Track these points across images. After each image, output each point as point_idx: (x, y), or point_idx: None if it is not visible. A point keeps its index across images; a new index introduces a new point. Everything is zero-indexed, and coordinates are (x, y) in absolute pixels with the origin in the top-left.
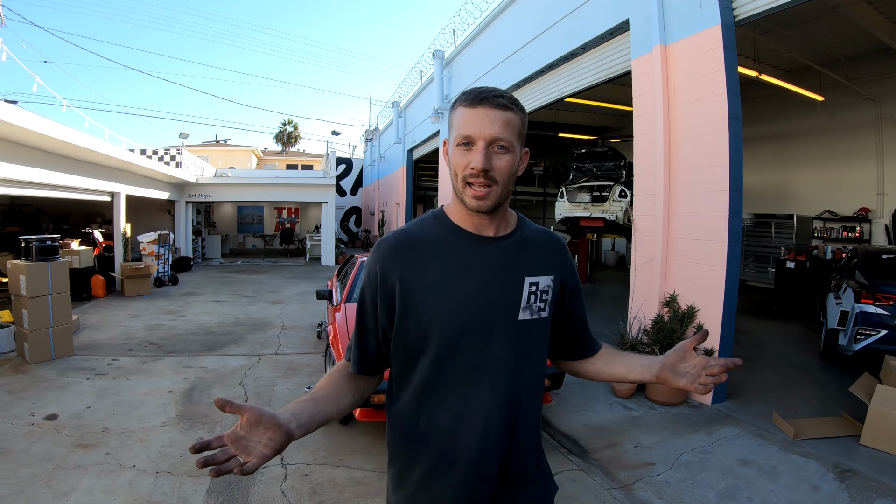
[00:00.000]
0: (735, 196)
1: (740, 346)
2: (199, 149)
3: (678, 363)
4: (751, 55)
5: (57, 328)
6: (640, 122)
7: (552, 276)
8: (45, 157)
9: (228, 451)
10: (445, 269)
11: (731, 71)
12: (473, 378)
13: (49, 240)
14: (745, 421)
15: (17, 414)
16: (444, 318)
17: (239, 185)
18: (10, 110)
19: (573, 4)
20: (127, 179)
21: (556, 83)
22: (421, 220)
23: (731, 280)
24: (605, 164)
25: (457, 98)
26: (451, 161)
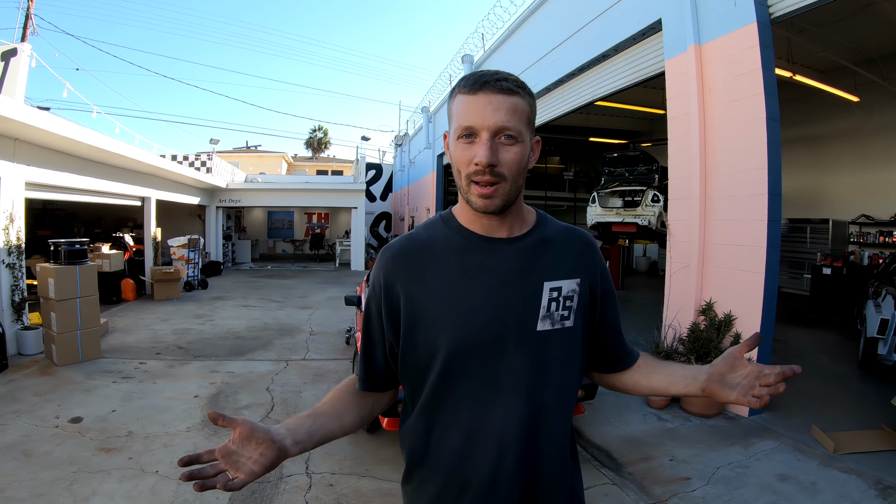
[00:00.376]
0: (774, 200)
1: (776, 356)
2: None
3: (727, 373)
4: (785, 55)
5: (85, 331)
6: (675, 125)
7: (578, 279)
8: (75, 162)
9: (218, 465)
10: (452, 277)
11: (769, 70)
12: (486, 395)
13: (77, 244)
14: (783, 434)
15: (42, 416)
16: (450, 331)
17: (269, 190)
18: (41, 116)
19: (604, 5)
20: (157, 184)
21: (587, 86)
22: (428, 224)
23: (769, 287)
24: (638, 168)
25: (455, 84)
26: (452, 156)
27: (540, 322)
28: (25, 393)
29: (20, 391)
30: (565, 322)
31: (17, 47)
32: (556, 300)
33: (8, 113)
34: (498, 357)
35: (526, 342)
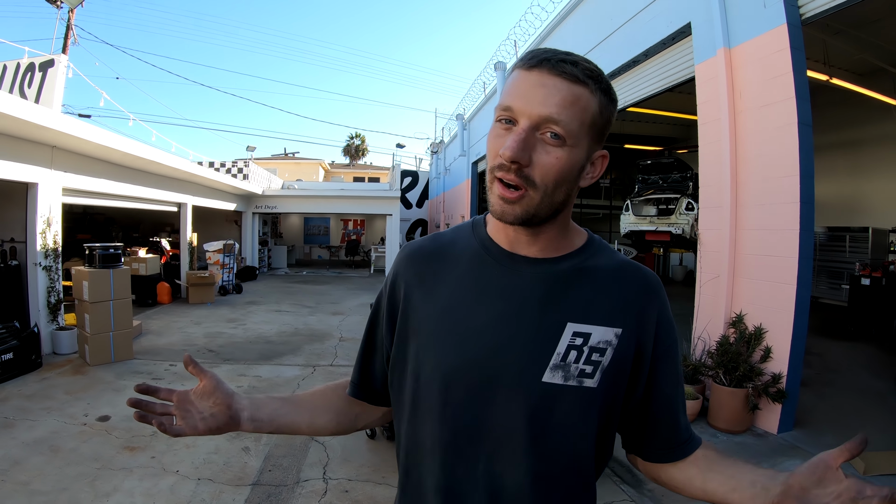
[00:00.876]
0: (806, 208)
1: (811, 369)
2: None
3: (811, 488)
4: (820, 58)
5: (117, 332)
6: (705, 131)
7: (618, 329)
8: (111, 168)
9: (169, 406)
10: (460, 292)
11: (800, 73)
12: (465, 446)
13: (112, 248)
14: (812, 453)
15: (71, 413)
16: (439, 356)
17: (305, 196)
18: (76, 124)
19: (633, 10)
20: (193, 191)
21: (618, 92)
22: (458, 227)
23: (801, 299)
24: (672, 176)
25: (517, 59)
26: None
27: (549, 371)
28: (57, 391)
29: (52, 389)
30: (585, 380)
31: (53, 58)
32: (579, 349)
33: (44, 122)
34: (487, 401)
35: (523, 393)
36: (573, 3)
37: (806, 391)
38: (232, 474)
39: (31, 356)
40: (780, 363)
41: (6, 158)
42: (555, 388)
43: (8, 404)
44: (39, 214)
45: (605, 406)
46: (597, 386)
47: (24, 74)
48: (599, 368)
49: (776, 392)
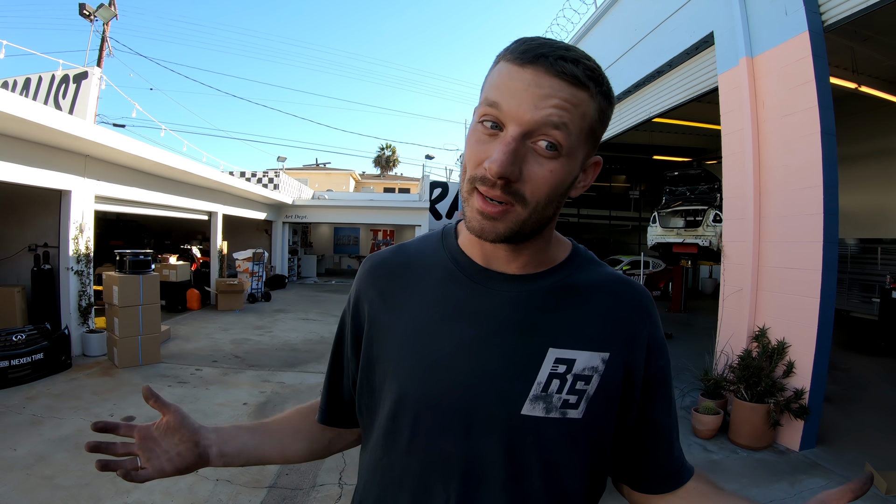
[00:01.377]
0: (830, 220)
1: (838, 385)
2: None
3: None
4: (848, 66)
5: (146, 336)
6: (729, 141)
7: (605, 353)
8: (143, 177)
9: (131, 446)
10: (426, 313)
11: (823, 81)
12: (435, 481)
13: (142, 254)
14: (833, 471)
15: (97, 413)
16: (404, 382)
17: (335, 207)
18: (108, 135)
19: (657, 20)
20: (224, 200)
21: (643, 103)
22: (427, 236)
23: (825, 313)
24: (699, 187)
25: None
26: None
27: (529, 403)
28: (85, 391)
29: (80, 389)
30: (568, 411)
31: (87, 70)
32: (562, 378)
33: (77, 132)
34: (461, 435)
35: (502, 426)
36: (597, 14)
37: (830, 407)
38: (249, 476)
39: (61, 357)
40: (803, 378)
41: (41, 167)
42: (536, 422)
43: (37, 402)
44: (72, 221)
45: (592, 438)
46: (581, 417)
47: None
48: (584, 397)
49: (798, 408)
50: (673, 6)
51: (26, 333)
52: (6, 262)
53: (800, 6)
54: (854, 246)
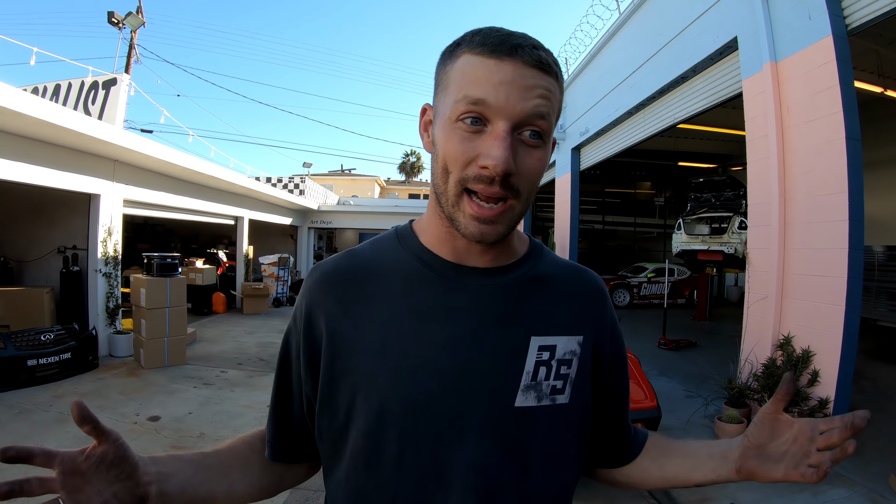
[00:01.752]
0: (855, 226)
1: (863, 395)
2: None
3: (766, 443)
4: (874, 70)
5: (172, 338)
6: (753, 147)
7: (579, 337)
8: (170, 182)
9: (49, 482)
10: (398, 318)
11: (847, 86)
12: (432, 497)
13: (169, 258)
14: (857, 482)
15: (123, 412)
16: (384, 397)
17: (360, 212)
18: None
19: (680, 25)
20: (250, 205)
21: (667, 109)
22: (377, 240)
23: (850, 321)
24: (724, 194)
25: (460, 41)
26: (437, 143)
27: (521, 394)
28: (111, 391)
29: (107, 389)
30: (557, 397)
31: (116, 77)
32: (547, 364)
33: (107, 137)
34: (454, 441)
35: (498, 423)
36: (621, 20)
37: None
38: None
39: (88, 357)
40: (828, 387)
41: (72, 171)
42: (530, 412)
43: (64, 400)
44: (101, 224)
45: (579, 422)
46: (569, 401)
47: (87, 92)
48: (569, 381)
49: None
50: (696, 11)
51: (54, 333)
52: (36, 264)
53: (823, 10)
54: (882, 253)
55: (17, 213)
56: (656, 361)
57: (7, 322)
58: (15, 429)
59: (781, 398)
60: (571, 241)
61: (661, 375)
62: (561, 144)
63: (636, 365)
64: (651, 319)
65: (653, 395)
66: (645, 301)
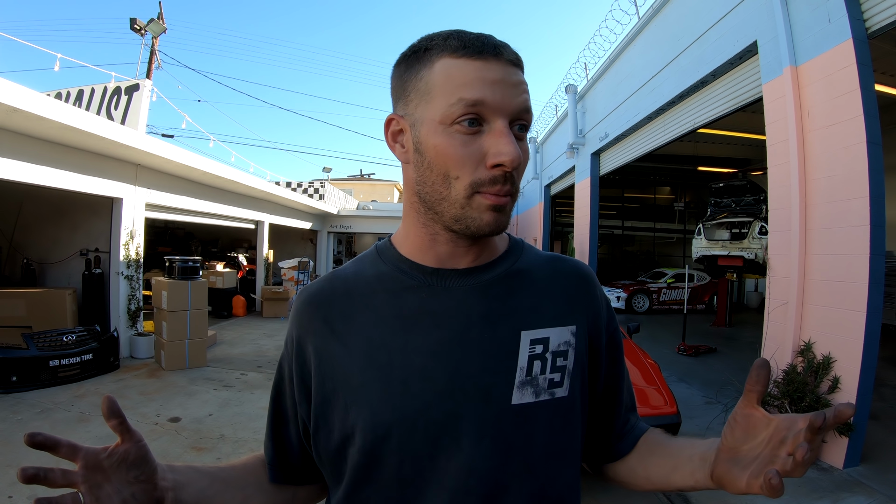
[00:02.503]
0: (877, 232)
1: (884, 402)
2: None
3: (741, 444)
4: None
5: (193, 341)
6: (774, 152)
7: (572, 326)
8: (192, 186)
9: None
10: (383, 329)
11: (868, 90)
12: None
13: (191, 261)
14: (877, 490)
15: (144, 413)
16: (376, 410)
17: (379, 217)
18: (158, 144)
19: (699, 30)
20: (270, 209)
21: (687, 114)
22: (359, 258)
23: (871, 328)
24: (745, 199)
25: (432, 44)
26: (427, 150)
27: (517, 391)
28: (132, 391)
29: (127, 389)
30: (556, 390)
31: (139, 83)
32: (542, 358)
33: (129, 142)
34: (452, 448)
35: (495, 424)
36: (639, 25)
37: (875, 425)
38: None
39: (110, 358)
40: (849, 394)
41: (95, 175)
42: (528, 408)
43: (85, 400)
44: (123, 227)
45: (578, 414)
46: (568, 394)
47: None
48: (566, 374)
49: (843, 425)
50: (715, 16)
51: (76, 334)
52: (58, 266)
53: (843, 13)
54: None
55: (40, 216)
56: (675, 367)
57: (30, 323)
58: (36, 427)
59: (752, 389)
60: (591, 246)
61: (680, 381)
62: (580, 149)
63: (656, 371)
64: (670, 325)
65: (673, 402)
66: (664, 307)
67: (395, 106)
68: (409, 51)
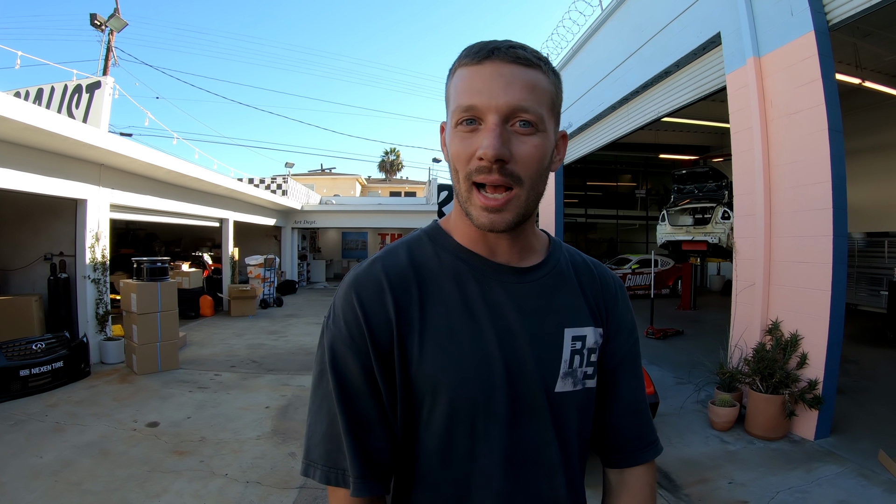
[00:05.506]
0: (839, 214)
1: (848, 377)
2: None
3: None
4: (852, 62)
5: (164, 343)
6: (738, 139)
7: (601, 329)
8: (156, 185)
9: None
10: (452, 317)
11: (829, 80)
12: (503, 482)
13: (159, 262)
14: (848, 458)
15: (120, 419)
16: (452, 393)
17: (343, 212)
18: (123, 143)
19: (663, 21)
20: (235, 206)
21: (651, 103)
22: (409, 243)
23: (836, 305)
24: (707, 185)
25: (456, 59)
26: (448, 152)
27: (560, 381)
28: (105, 398)
29: (100, 396)
30: (587, 382)
31: (100, 80)
32: (580, 353)
33: (93, 141)
34: (515, 428)
35: (544, 408)
36: (604, 15)
37: (843, 399)
38: (279, 478)
39: (80, 365)
40: (817, 369)
41: (57, 176)
42: (567, 396)
43: (58, 409)
44: (88, 229)
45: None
46: (595, 386)
47: (71, 96)
48: (595, 368)
49: (812, 398)
50: (679, 7)
51: (45, 342)
52: (22, 272)
53: (805, 6)
54: (861, 240)
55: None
56: (645, 351)
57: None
58: (11, 440)
59: None
60: (557, 234)
61: (651, 364)
62: None
63: None
64: (638, 310)
65: (650, 382)
66: (630, 292)
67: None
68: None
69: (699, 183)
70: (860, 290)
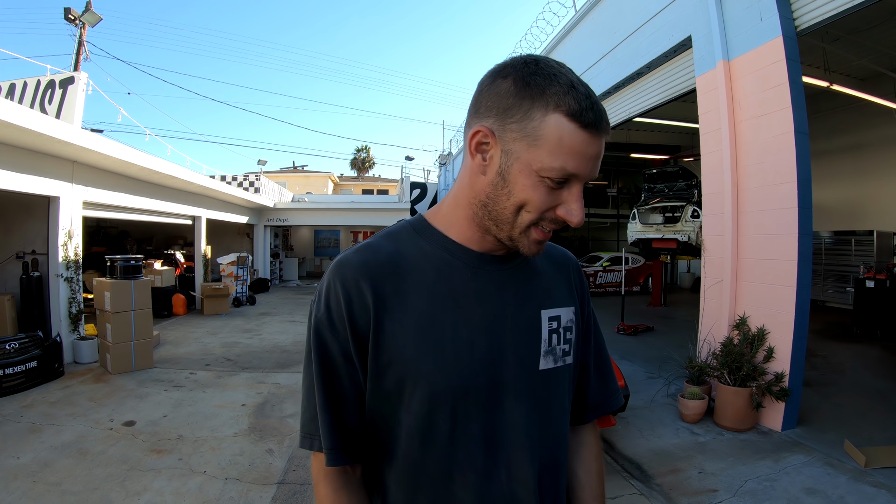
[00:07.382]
0: (804, 213)
1: (816, 371)
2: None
3: None
4: (820, 65)
5: (138, 342)
6: (707, 140)
7: (573, 306)
8: (129, 182)
9: None
10: (434, 305)
11: (796, 83)
12: (482, 461)
13: (133, 260)
14: (815, 448)
15: (96, 419)
16: (433, 379)
17: (315, 209)
18: (97, 140)
19: (636, 23)
20: (207, 204)
21: (623, 104)
22: (391, 234)
23: (801, 301)
24: (677, 184)
25: (551, 89)
26: (511, 181)
27: (542, 359)
28: (80, 398)
29: (75, 396)
30: (566, 358)
31: (73, 75)
32: (557, 332)
33: (66, 137)
34: (496, 407)
35: (528, 386)
36: (577, 18)
37: (809, 391)
38: (258, 474)
39: (54, 365)
40: (783, 362)
41: (29, 173)
42: (549, 373)
43: (34, 410)
44: (61, 227)
45: (574, 378)
46: (572, 361)
47: (44, 91)
48: (572, 345)
49: (779, 390)
50: (652, 10)
51: (19, 342)
52: None
53: (774, 12)
54: (829, 238)
55: None
56: (617, 346)
57: None
58: None
59: None
60: None
61: (622, 359)
62: None
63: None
64: (609, 307)
65: (621, 376)
66: (601, 289)
67: (480, 112)
68: (522, 75)
69: (669, 182)
70: (828, 287)
